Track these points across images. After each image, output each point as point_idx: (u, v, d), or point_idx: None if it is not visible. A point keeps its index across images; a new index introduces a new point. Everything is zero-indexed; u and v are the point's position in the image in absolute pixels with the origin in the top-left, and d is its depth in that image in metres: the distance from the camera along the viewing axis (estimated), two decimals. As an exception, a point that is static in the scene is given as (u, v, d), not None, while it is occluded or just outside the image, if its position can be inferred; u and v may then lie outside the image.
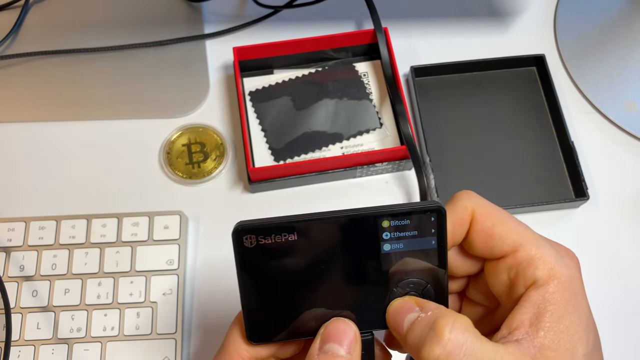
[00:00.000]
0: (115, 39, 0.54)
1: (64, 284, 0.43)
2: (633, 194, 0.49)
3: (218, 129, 0.50)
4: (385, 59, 0.49)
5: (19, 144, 0.50)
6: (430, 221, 0.28)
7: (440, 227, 0.28)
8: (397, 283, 0.28)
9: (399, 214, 0.28)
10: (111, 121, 0.51)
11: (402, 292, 0.28)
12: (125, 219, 0.45)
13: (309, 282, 0.28)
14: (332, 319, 0.28)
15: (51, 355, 0.42)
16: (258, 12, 0.56)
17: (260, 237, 0.27)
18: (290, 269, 0.28)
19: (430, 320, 0.25)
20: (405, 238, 0.28)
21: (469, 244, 0.29)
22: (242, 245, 0.28)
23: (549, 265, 0.26)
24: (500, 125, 0.51)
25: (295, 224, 0.27)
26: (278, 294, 0.29)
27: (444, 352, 0.24)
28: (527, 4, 0.57)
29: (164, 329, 0.42)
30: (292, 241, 0.28)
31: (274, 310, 0.29)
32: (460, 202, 0.28)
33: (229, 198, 0.48)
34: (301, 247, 0.28)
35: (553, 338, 0.25)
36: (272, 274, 0.28)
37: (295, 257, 0.28)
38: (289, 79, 0.51)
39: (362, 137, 0.49)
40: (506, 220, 0.28)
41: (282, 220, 0.27)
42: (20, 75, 0.53)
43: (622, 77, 0.52)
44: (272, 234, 0.27)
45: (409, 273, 0.28)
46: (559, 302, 0.26)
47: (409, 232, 0.28)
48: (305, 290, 0.28)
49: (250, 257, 0.28)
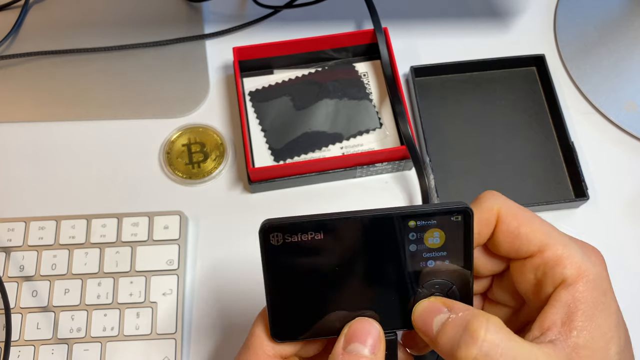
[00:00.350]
0: (115, 39, 0.54)
1: (63, 284, 0.43)
2: (633, 194, 0.49)
3: (218, 129, 0.50)
4: (385, 59, 0.49)
5: (19, 144, 0.50)
6: (457, 222, 0.28)
7: (466, 228, 0.28)
8: (423, 284, 0.29)
9: (425, 214, 0.28)
10: (111, 121, 0.51)
11: (428, 292, 0.29)
12: (125, 219, 0.45)
13: (334, 281, 0.28)
14: (356, 318, 0.28)
15: (51, 355, 0.42)
16: (258, 12, 0.56)
17: (287, 235, 0.28)
18: (316, 267, 0.28)
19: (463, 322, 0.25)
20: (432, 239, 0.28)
21: (495, 244, 0.29)
22: (269, 243, 0.28)
23: (577, 264, 0.26)
24: (500, 125, 0.51)
25: (322, 222, 0.28)
26: (303, 293, 0.29)
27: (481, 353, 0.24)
28: (527, 4, 0.57)
29: (164, 329, 0.42)
30: (319, 240, 0.28)
31: (298, 309, 0.29)
32: (485, 202, 0.28)
33: (229, 198, 0.48)
34: (327, 246, 0.28)
35: (587, 337, 0.25)
36: (298, 273, 0.28)
37: (320, 255, 0.28)
38: (289, 79, 0.51)
39: (362, 137, 0.49)
40: (532, 220, 0.28)
41: (309, 219, 0.28)
42: (20, 75, 0.53)
43: (622, 77, 0.52)
44: (299, 232, 0.28)
45: (434, 274, 0.28)
46: (589, 300, 0.26)
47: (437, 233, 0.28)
48: (330, 289, 0.29)
49: (277, 255, 0.28)
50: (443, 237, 0.28)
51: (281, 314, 0.29)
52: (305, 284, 0.28)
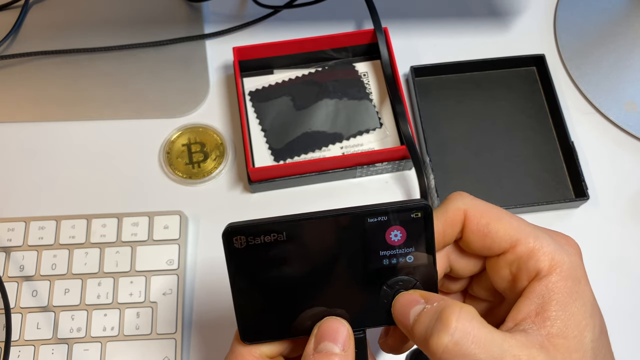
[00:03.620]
0: (115, 39, 0.54)
1: (64, 284, 0.43)
2: (633, 194, 0.49)
3: (218, 129, 0.50)
4: (385, 59, 0.49)
5: (19, 144, 0.50)
6: (416, 219, 0.28)
7: (427, 225, 0.28)
8: (387, 281, 0.29)
9: (385, 212, 0.28)
10: (111, 121, 0.51)
11: (391, 291, 0.29)
12: (125, 219, 0.45)
13: (300, 282, 0.29)
14: (325, 318, 0.28)
15: (51, 355, 0.42)
16: (258, 12, 0.56)
17: (249, 237, 0.28)
18: (281, 269, 0.28)
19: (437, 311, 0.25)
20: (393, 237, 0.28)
21: (467, 244, 0.29)
22: (232, 246, 0.28)
23: (550, 256, 0.27)
24: (500, 125, 0.51)
25: (283, 224, 0.28)
26: (269, 294, 0.29)
27: (452, 340, 0.24)
28: (527, 4, 0.57)
29: (164, 329, 0.42)
30: (281, 241, 0.28)
31: (265, 310, 0.29)
32: (451, 203, 0.29)
33: (229, 198, 0.48)
34: (290, 247, 0.28)
35: (560, 326, 0.25)
36: (263, 275, 0.28)
37: (284, 257, 0.28)
38: (289, 79, 0.51)
39: (362, 137, 0.49)
40: (500, 217, 0.28)
41: (270, 221, 0.28)
42: (20, 75, 0.53)
43: (622, 77, 0.52)
44: (261, 234, 0.28)
45: (398, 271, 0.28)
46: (562, 290, 0.26)
47: (397, 231, 0.28)
48: (296, 290, 0.29)
49: (241, 257, 0.28)
50: (404, 235, 0.28)
51: (248, 316, 0.29)
52: (270, 286, 0.28)
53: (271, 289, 0.29)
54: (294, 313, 0.29)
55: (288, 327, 0.29)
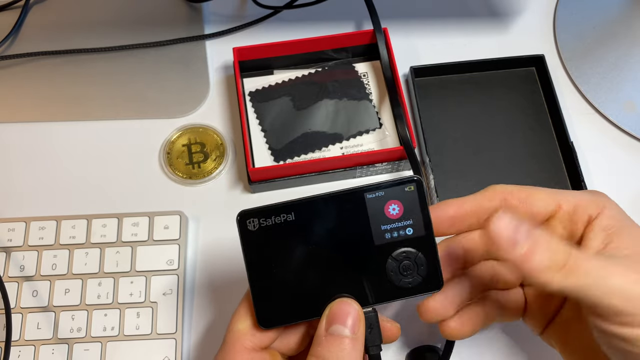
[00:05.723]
0: (115, 39, 0.54)
1: (64, 284, 0.43)
2: (633, 194, 0.49)
3: (218, 129, 0.50)
4: (384, 59, 0.49)
5: (19, 144, 0.50)
6: (410, 192, 0.30)
7: (421, 196, 0.30)
8: (391, 254, 0.30)
9: (380, 187, 0.30)
10: (111, 121, 0.51)
11: (396, 263, 0.30)
12: (125, 219, 0.45)
13: (309, 261, 0.30)
14: (335, 300, 0.30)
15: (51, 355, 0.42)
16: (258, 12, 0.56)
17: (261, 219, 0.30)
18: (291, 248, 0.30)
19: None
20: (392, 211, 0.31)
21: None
22: (246, 229, 0.30)
23: (593, 203, 0.30)
24: (500, 125, 0.51)
25: (291, 204, 0.30)
26: (282, 276, 0.30)
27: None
28: (527, 4, 0.57)
29: (164, 329, 0.42)
30: (291, 221, 0.30)
31: (280, 293, 0.30)
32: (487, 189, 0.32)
33: (229, 198, 0.48)
34: (299, 227, 0.30)
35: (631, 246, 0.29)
36: (275, 256, 0.30)
37: (294, 237, 0.30)
38: (289, 79, 0.51)
39: (361, 137, 0.49)
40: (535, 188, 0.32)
41: (280, 203, 0.30)
42: (20, 75, 0.53)
43: (622, 77, 0.52)
44: (272, 215, 0.30)
45: (400, 243, 0.31)
46: (618, 220, 0.30)
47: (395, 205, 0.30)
48: (307, 270, 0.30)
49: (254, 239, 0.30)
50: (401, 208, 0.30)
51: (264, 299, 0.30)
52: (283, 267, 0.30)
53: (284, 270, 0.30)
54: (306, 294, 0.30)
55: (301, 309, 0.30)
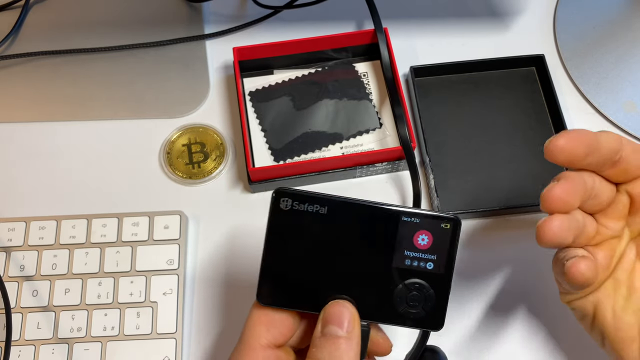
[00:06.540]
0: (115, 39, 0.54)
1: (64, 284, 0.43)
2: (632, 194, 0.49)
3: (218, 129, 0.50)
4: (385, 59, 0.49)
5: (19, 144, 0.50)
6: (445, 229, 0.30)
7: (453, 237, 0.30)
8: (404, 281, 0.30)
9: (419, 215, 0.30)
10: (111, 121, 0.51)
11: (406, 291, 0.30)
12: (125, 219, 0.45)
13: (325, 258, 0.30)
14: (332, 301, 0.30)
15: (51, 355, 0.42)
16: (258, 12, 0.56)
17: (295, 202, 0.30)
18: (313, 240, 0.30)
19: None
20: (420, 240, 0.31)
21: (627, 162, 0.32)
22: (278, 207, 0.30)
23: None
24: (500, 125, 0.51)
25: (328, 199, 0.30)
26: (296, 262, 0.31)
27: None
28: (527, 4, 0.57)
29: (164, 329, 0.42)
30: (322, 214, 0.30)
31: (288, 277, 0.31)
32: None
33: (229, 198, 0.48)
34: (327, 223, 0.30)
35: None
36: (296, 241, 0.30)
37: (320, 230, 0.30)
38: (289, 79, 0.51)
39: (361, 137, 0.49)
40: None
41: (318, 193, 0.30)
42: (20, 75, 0.53)
43: (622, 77, 0.52)
44: (307, 202, 0.30)
45: (416, 274, 0.30)
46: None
47: (425, 236, 0.30)
48: (320, 265, 0.31)
49: (282, 219, 0.30)
50: (431, 241, 0.30)
51: (271, 278, 0.31)
52: (298, 253, 0.30)
53: (298, 257, 0.31)
54: (312, 287, 0.31)
55: (302, 299, 0.31)
